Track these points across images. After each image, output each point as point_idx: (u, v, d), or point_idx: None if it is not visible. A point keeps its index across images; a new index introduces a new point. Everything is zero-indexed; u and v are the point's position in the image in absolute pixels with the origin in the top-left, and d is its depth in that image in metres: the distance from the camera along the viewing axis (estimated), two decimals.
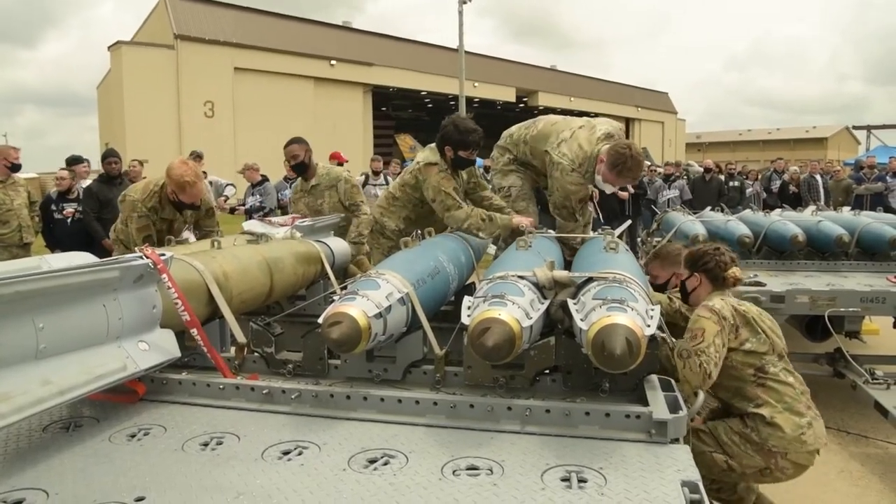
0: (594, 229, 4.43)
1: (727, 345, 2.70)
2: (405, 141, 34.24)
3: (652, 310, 2.00)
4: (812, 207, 7.36)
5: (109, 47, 25.30)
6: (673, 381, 2.16)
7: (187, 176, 4.05)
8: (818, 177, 12.90)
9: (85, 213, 6.90)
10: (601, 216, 5.28)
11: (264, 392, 2.17)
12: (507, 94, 35.31)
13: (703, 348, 2.62)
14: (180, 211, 4.33)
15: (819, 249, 5.68)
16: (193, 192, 4.13)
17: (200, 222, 4.62)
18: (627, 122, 42.30)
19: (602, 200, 4.37)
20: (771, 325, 2.87)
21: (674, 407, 1.95)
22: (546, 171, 4.11)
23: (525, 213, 4.25)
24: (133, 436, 1.96)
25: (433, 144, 4.00)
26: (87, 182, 7.73)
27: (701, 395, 2.23)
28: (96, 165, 9.24)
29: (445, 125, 3.89)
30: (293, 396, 2.13)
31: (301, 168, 4.93)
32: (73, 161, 7.91)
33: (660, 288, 3.63)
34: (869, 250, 5.55)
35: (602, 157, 3.74)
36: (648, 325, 1.87)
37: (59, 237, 7.14)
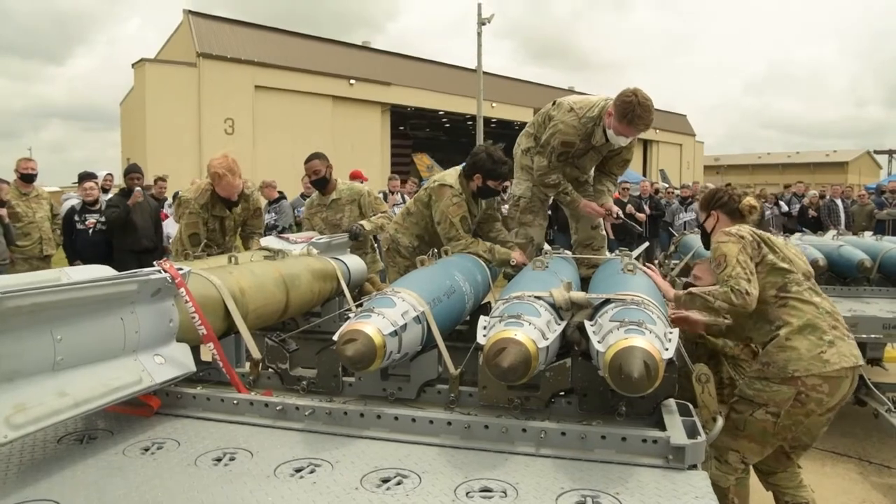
0: (610, 251, 4.41)
1: (755, 259, 2.68)
2: (422, 160, 34.37)
3: (670, 332, 1.98)
4: (833, 232, 7.28)
5: (133, 64, 25.74)
6: (691, 406, 2.13)
7: (218, 167, 4.23)
8: (838, 201, 12.76)
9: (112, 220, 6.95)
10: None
11: (278, 408, 2.17)
12: (524, 115, 35.33)
13: (729, 273, 2.61)
14: (229, 208, 4.45)
15: (840, 274, 5.60)
16: (224, 184, 4.27)
17: (248, 222, 4.75)
18: (645, 143, 42.20)
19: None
20: (796, 251, 2.86)
21: (692, 432, 1.91)
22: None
23: (530, 226, 4.27)
24: (147, 449, 1.95)
25: (459, 167, 3.99)
26: (108, 195, 7.84)
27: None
28: (118, 180, 9.39)
29: (478, 153, 3.84)
30: (307, 413, 2.12)
31: (321, 183, 4.99)
32: (85, 177, 8.02)
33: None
34: (891, 276, 5.46)
35: (610, 111, 3.68)
36: (666, 349, 1.85)
37: (80, 248, 7.23)
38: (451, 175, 3.92)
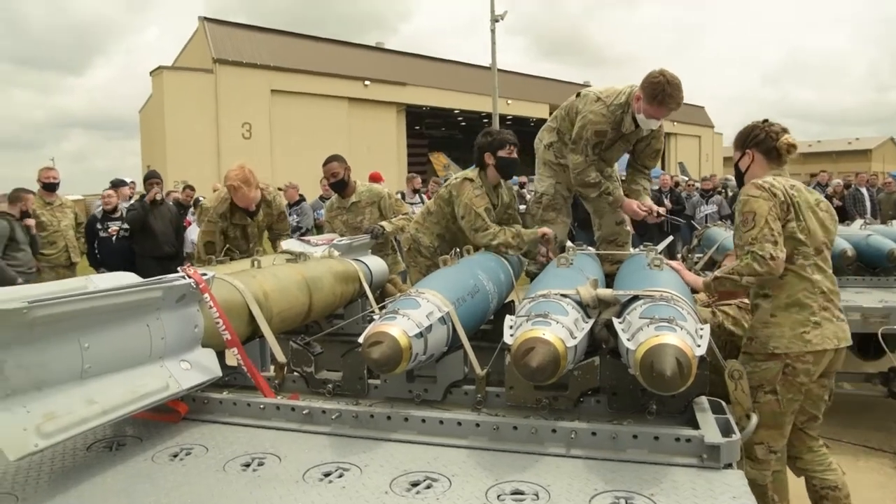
0: (634, 246, 4.35)
1: (780, 220, 2.58)
2: (439, 159, 34.39)
3: (702, 329, 1.93)
4: (860, 221, 7.14)
5: (151, 72, 26.05)
6: (724, 403, 2.08)
7: (234, 179, 4.27)
8: (864, 189, 12.53)
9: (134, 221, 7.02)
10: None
11: (304, 412, 2.16)
12: (540, 111, 35.23)
13: (754, 235, 2.53)
14: (250, 216, 4.47)
15: (869, 265, 5.49)
16: (240, 196, 4.31)
17: (273, 226, 4.79)
18: (664, 136, 41.86)
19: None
20: (824, 216, 2.73)
21: (726, 430, 1.87)
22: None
23: (552, 224, 4.20)
24: (175, 455, 1.95)
25: (473, 167, 4.00)
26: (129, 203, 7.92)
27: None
28: (139, 187, 9.50)
29: (478, 140, 3.92)
30: (333, 417, 2.11)
31: (340, 185, 4.99)
32: (118, 184, 8.14)
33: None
34: None
35: (638, 95, 3.62)
36: (699, 346, 1.81)
37: (103, 256, 7.31)
38: (470, 172, 3.94)
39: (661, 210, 4.05)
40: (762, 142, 2.81)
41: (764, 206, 2.57)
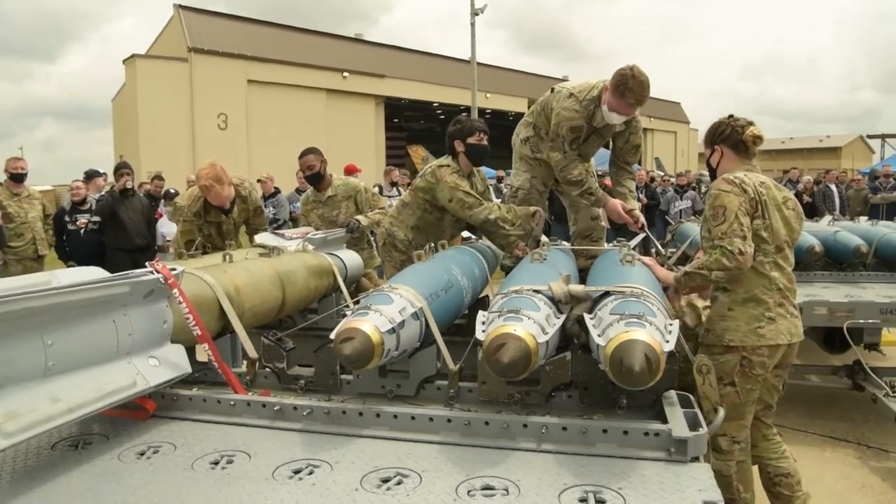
0: (608, 241, 4.38)
1: (751, 215, 2.63)
2: (417, 152, 34.27)
3: (671, 325, 1.96)
4: (828, 217, 7.27)
5: (124, 60, 25.52)
6: (692, 397, 2.11)
7: (203, 179, 4.21)
8: (833, 186, 12.76)
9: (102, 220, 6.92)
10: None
11: (275, 409, 2.14)
12: (519, 105, 35.25)
13: (724, 230, 2.57)
14: (225, 213, 4.42)
15: (836, 260, 5.59)
16: (213, 195, 4.27)
17: (251, 220, 4.74)
18: None
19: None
20: (789, 214, 2.78)
21: (693, 424, 1.90)
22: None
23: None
24: (142, 454, 1.93)
25: (445, 156, 3.98)
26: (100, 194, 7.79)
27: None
28: (111, 177, 9.33)
29: (448, 130, 3.94)
30: (305, 413, 2.10)
31: (316, 178, 4.94)
32: (92, 175, 7.98)
33: None
34: (887, 261, 5.46)
35: (606, 87, 3.65)
36: (668, 341, 1.83)
37: (72, 249, 7.18)
38: (443, 160, 3.94)
39: (643, 221, 4.00)
40: (729, 136, 2.87)
41: (734, 201, 2.61)
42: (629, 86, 3.49)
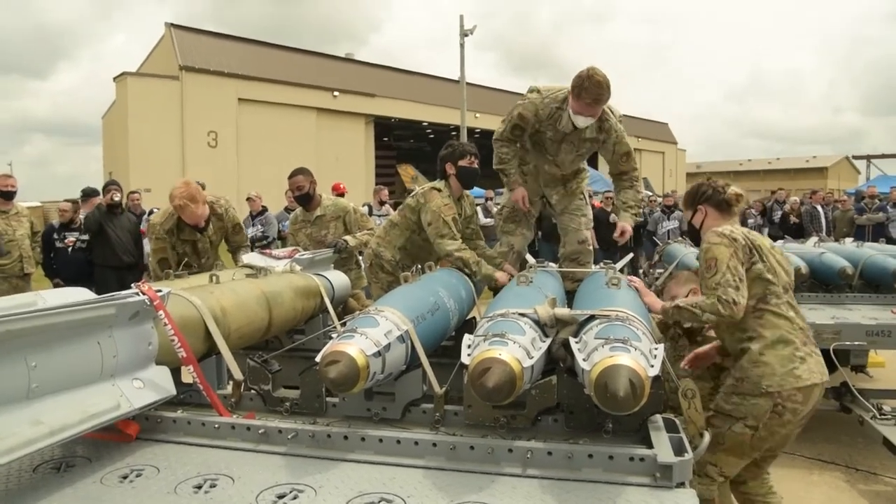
0: (595, 262, 4.40)
1: (745, 265, 2.65)
2: (407, 171, 34.38)
3: (656, 349, 1.97)
4: (814, 239, 7.33)
5: (115, 78, 25.55)
6: (678, 422, 2.12)
7: (177, 199, 4.13)
8: (819, 207, 12.89)
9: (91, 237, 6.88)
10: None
11: (260, 432, 2.13)
12: None
13: (718, 280, 2.58)
14: (200, 231, 4.36)
15: (822, 281, 5.63)
16: (187, 214, 4.20)
17: (229, 238, 4.69)
18: None
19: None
20: (780, 258, 2.81)
21: (679, 449, 1.90)
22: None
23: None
24: (125, 477, 1.91)
25: (438, 180, 4.03)
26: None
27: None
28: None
29: (441, 152, 4.00)
30: (289, 437, 2.09)
31: (305, 199, 4.95)
32: (90, 193, 7.92)
33: None
34: (873, 282, 5.50)
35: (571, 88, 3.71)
36: (652, 366, 1.84)
37: (59, 266, 7.14)
38: (437, 183, 3.98)
39: (624, 239, 4.01)
40: (711, 196, 2.95)
41: (725, 252, 2.64)
42: (584, 86, 3.54)
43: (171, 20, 26.77)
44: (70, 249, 7.07)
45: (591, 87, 3.53)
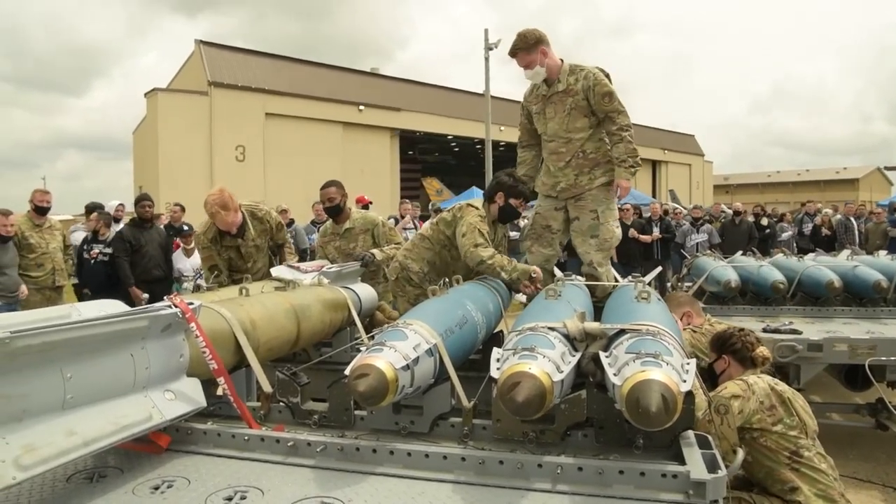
0: (623, 276, 4.37)
1: (768, 420, 2.63)
2: (432, 184, 34.51)
3: (688, 364, 1.94)
4: (847, 251, 7.20)
5: (146, 94, 26.10)
6: (710, 438, 2.08)
7: (210, 206, 4.32)
8: (853, 219, 12.63)
9: (117, 257, 7.03)
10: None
11: (289, 444, 2.13)
12: None
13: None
14: (239, 236, 4.47)
15: (856, 295, 5.53)
16: (219, 220, 4.36)
17: (274, 237, 4.82)
18: (654, 164, 42.17)
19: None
20: (803, 404, 2.80)
21: (712, 466, 1.86)
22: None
23: (531, 253, 4.30)
24: (157, 488, 1.93)
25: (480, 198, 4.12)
26: (120, 225, 7.92)
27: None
28: (131, 208, 9.47)
29: (500, 175, 4.09)
30: (318, 449, 2.09)
31: (335, 211, 5.01)
32: (93, 208, 8.13)
33: None
34: None
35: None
36: (685, 381, 1.81)
37: (85, 277, 7.31)
38: (476, 201, 4.04)
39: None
40: (738, 351, 2.99)
41: (735, 389, 2.67)
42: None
43: (200, 37, 27.26)
44: (93, 262, 7.22)
45: (512, 43, 3.95)
